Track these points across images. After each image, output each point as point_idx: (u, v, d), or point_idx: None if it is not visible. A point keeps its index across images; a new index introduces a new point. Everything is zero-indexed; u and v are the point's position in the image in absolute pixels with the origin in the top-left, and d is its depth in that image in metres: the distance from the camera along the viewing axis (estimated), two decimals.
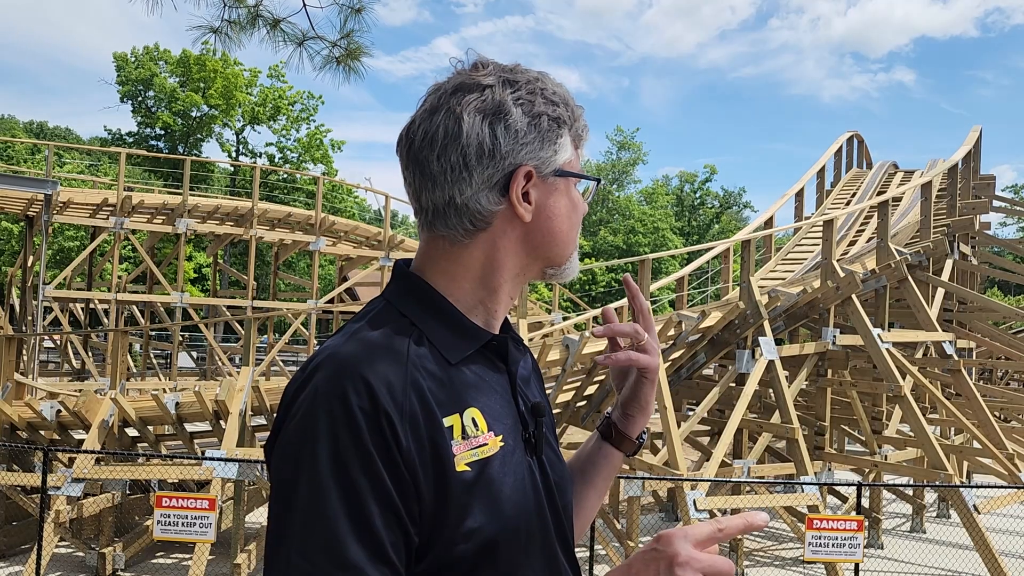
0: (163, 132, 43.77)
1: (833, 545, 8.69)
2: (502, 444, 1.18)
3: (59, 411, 10.23)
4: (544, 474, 1.25)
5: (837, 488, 13.23)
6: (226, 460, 9.00)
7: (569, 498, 1.34)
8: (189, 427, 10.91)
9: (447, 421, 1.13)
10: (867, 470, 13.02)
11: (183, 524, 8.12)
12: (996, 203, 19.50)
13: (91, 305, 21.92)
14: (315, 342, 20.35)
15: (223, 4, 5.98)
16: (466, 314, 1.24)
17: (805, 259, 16.92)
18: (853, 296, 11.96)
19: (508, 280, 1.25)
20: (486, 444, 1.16)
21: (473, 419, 1.16)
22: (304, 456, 1.06)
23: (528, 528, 1.17)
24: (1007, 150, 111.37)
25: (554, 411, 11.04)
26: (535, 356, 1.60)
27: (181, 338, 20.92)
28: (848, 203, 20.22)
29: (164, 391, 11.16)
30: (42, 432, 10.61)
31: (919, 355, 13.61)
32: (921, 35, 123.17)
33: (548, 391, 1.32)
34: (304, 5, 6.02)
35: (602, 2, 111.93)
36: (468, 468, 1.12)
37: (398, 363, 1.13)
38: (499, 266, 1.24)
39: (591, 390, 12.27)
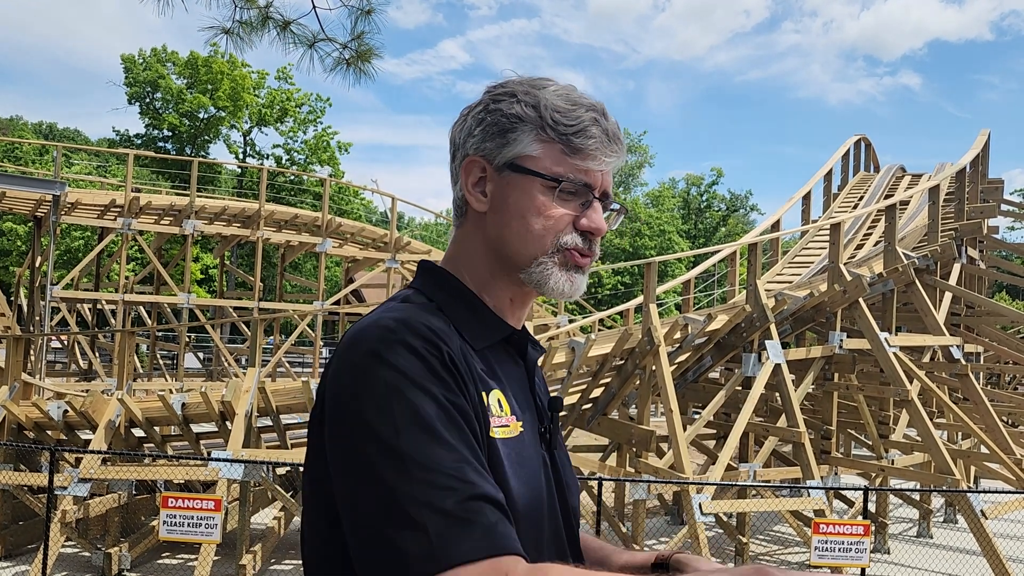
0: (170, 133, 43.92)
1: (839, 550, 8.66)
2: (522, 429, 1.18)
3: (66, 411, 10.26)
4: (556, 470, 1.25)
5: (844, 492, 13.19)
6: (232, 461, 9.03)
7: (576, 502, 1.33)
8: (195, 428, 10.93)
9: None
10: (874, 474, 12.97)
11: (189, 524, 8.14)
12: (1004, 207, 19.40)
13: (98, 306, 21.97)
14: (321, 344, 20.37)
15: (234, 5, 6.00)
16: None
17: (812, 262, 16.87)
18: (860, 300, 11.92)
19: (490, 275, 1.26)
20: (508, 425, 1.16)
21: (498, 400, 1.17)
22: (385, 408, 1.02)
23: (541, 516, 1.17)
24: (1015, 154, 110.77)
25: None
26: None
27: (187, 339, 20.96)
28: (855, 206, 20.15)
29: (170, 392, 11.16)
30: (49, 432, 10.65)
31: (926, 359, 13.55)
32: (935, 38, 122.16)
33: (553, 394, 1.32)
34: (314, 7, 6.04)
35: (614, 6, 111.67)
36: (497, 439, 1.13)
37: (445, 328, 1.15)
38: (477, 257, 1.26)
39: (596, 392, 12.25)
